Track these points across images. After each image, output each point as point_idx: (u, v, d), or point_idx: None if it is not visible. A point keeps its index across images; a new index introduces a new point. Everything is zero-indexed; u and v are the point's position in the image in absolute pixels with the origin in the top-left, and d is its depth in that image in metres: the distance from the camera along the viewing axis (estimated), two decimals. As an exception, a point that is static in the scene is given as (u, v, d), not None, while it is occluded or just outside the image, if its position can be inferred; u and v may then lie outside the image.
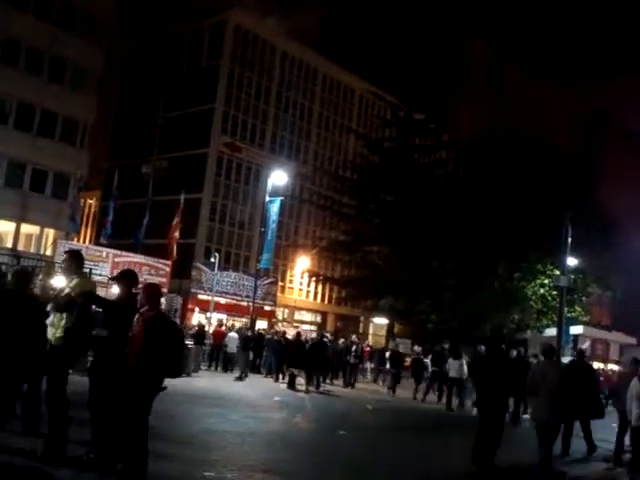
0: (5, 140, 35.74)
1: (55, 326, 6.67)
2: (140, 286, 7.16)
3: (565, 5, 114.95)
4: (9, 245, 36.10)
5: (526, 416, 15.32)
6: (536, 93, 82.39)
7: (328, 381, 23.57)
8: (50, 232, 38.51)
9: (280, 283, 56.85)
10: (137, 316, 6.37)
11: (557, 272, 32.71)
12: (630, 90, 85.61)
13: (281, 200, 34.05)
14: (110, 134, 62.35)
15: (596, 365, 31.70)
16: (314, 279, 47.66)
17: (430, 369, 23.28)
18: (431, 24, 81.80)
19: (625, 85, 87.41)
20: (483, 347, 16.36)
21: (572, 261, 29.34)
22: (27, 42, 37.44)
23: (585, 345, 42.14)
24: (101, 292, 7.56)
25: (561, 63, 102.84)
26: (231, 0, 58.35)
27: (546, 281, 38.51)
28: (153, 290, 6.73)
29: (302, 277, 58.96)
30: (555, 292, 35.89)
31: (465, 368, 19.56)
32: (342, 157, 62.57)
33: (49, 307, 6.89)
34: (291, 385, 19.72)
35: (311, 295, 63.07)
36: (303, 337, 24.65)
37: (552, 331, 35.64)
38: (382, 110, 54.32)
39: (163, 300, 35.10)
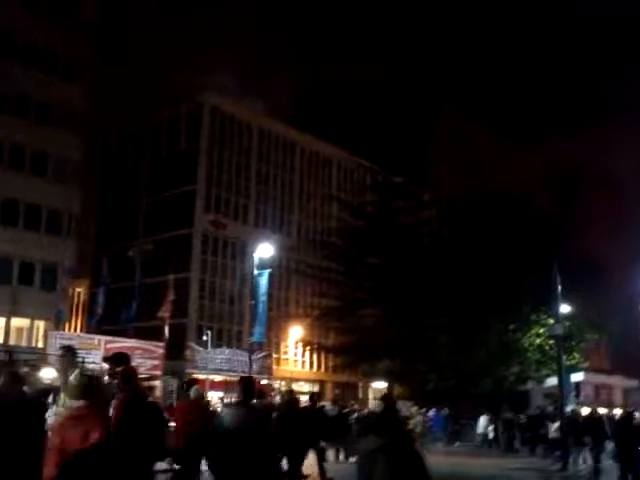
0: (-9, 236, 36.16)
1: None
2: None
3: (528, 67, 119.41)
4: (0, 340, 35.92)
5: None
6: (507, 153, 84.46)
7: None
8: (40, 324, 38.45)
9: (275, 355, 56.40)
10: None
11: (551, 321, 32.75)
12: (597, 140, 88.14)
13: (269, 272, 34.24)
14: (95, 221, 62.81)
15: (602, 410, 31.52)
16: (308, 348, 47.37)
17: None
18: (402, 91, 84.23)
19: (593, 136, 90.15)
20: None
21: (565, 308, 29.59)
22: (8, 140, 38.28)
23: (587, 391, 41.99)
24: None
25: (528, 123, 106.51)
26: (206, 83, 60.09)
27: (541, 330, 38.34)
28: (127, 372, 6.57)
29: (296, 347, 58.60)
30: (552, 341, 35.84)
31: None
32: (326, 225, 63.20)
33: (49, 399, 7.01)
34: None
35: (307, 365, 62.50)
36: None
37: (553, 380, 35.39)
38: (361, 176, 55.33)
39: (158, 383, 34.82)
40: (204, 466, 8.50)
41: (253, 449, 6.19)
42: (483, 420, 28.06)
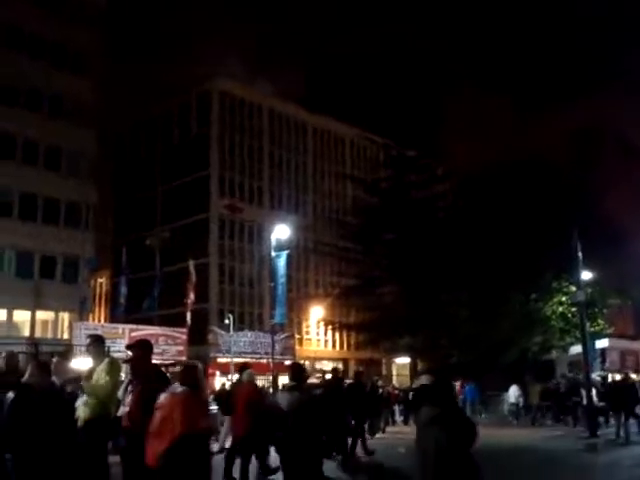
0: (11, 231, 36.52)
1: (97, 403, 6.93)
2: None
3: (547, 29, 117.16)
4: (26, 333, 36.50)
5: None
6: (524, 118, 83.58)
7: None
8: (65, 316, 38.94)
9: (297, 336, 56.75)
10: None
11: (573, 288, 32.46)
12: (617, 103, 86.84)
13: (287, 254, 34.30)
14: (112, 212, 63.25)
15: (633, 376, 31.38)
16: (330, 327, 47.57)
17: None
18: (415, 60, 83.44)
19: (616, 99, 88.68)
20: None
21: (587, 275, 29.23)
22: (21, 135, 38.56)
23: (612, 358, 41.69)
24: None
25: (546, 86, 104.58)
26: (215, 68, 60.02)
27: (563, 298, 38.10)
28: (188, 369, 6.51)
29: (318, 327, 58.89)
30: (574, 308, 35.64)
31: None
32: (341, 203, 63.19)
33: (79, 388, 7.17)
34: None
35: (330, 344, 62.84)
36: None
37: (577, 349, 35.09)
38: (374, 152, 55.04)
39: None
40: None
41: (307, 429, 6.67)
42: (513, 390, 28.10)
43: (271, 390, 25.14)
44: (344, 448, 11.92)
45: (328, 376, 15.65)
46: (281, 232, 34.06)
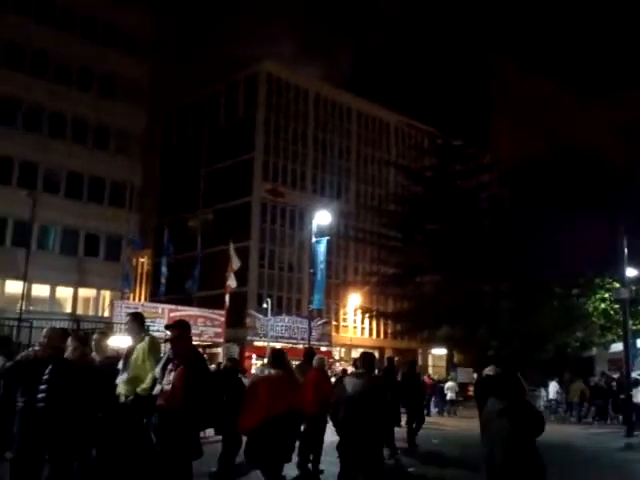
0: (58, 209, 37.16)
1: (137, 380, 6.97)
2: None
3: (600, 18, 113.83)
4: (68, 310, 37.22)
5: None
6: (577, 107, 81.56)
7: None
8: (106, 294, 39.58)
9: (334, 322, 56.81)
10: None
11: (617, 285, 31.85)
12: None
13: (327, 240, 34.20)
14: (157, 192, 64.02)
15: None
16: (367, 315, 47.46)
17: None
18: (462, 48, 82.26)
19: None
20: None
21: (632, 272, 28.62)
22: (71, 113, 39.16)
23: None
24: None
25: (601, 76, 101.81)
26: (262, 51, 60.04)
27: (606, 295, 37.42)
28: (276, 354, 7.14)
29: (355, 314, 58.79)
30: (617, 305, 34.98)
31: None
32: (384, 191, 62.78)
33: (120, 365, 7.20)
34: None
35: (366, 332, 62.72)
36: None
37: (618, 346, 34.48)
38: (419, 140, 54.49)
39: (220, 350, 35.56)
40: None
41: (372, 413, 7.05)
42: (553, 386, 27.74)
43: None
44: (391, 438, 11.95)
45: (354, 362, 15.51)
46: (322, 218, 33.86)
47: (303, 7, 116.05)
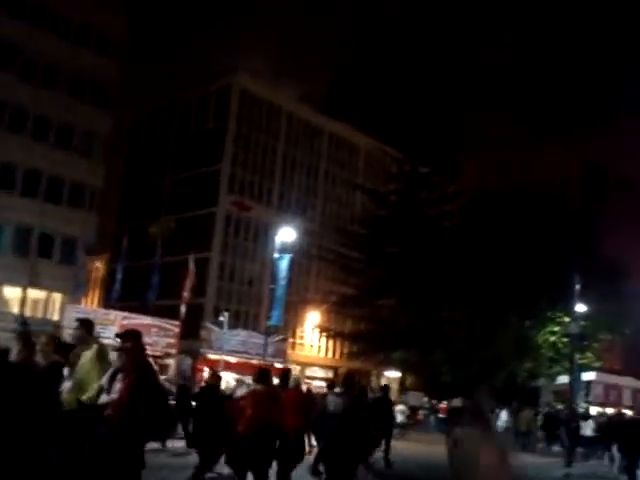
0: (11, 207, 36.25)
1: (82, 388, 6.75)
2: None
3: (560, 62, 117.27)
4: (16, 310, 36.21)
5: None
6: (537, 149, 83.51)
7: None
8: (57, 296, 38.59)
9: (291, 339, 56.42)
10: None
11: (567, 319, 32.54)
12: (625, 142, 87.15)
13: (290, 257, 34.07)
14: (118, 196, 63.12)
15: (609, 410, 31.38)
16: (325, 335, 47.37)
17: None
18: (436, 81, 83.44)
19: (621, 138, 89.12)
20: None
21: (581, 308, 29.26)
22: (34, 110, 38.40)
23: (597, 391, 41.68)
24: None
25: (560, 120, 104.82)
26: (237, 64, 59.94)
27: (556, 329, 38.37)
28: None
29: (312, 333, 58.54)
30: (566, 339, 35.77)
31: None
32: (349, 212, 62.90)
33: (65, 372, 6.98)
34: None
35: (322, 351, 62.46)
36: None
37: (564, 378, 35.20)
38: (387, 164, 54.81)
39: (172, 361, 34.96)
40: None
41: (352, 430, 7.59)
42: (504, 414, 27.91)
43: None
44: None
45: (318, 383, 15.68)
46: (287, 235, 33.85)
47: (283, 24, 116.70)
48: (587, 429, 22.08)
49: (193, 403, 12.84)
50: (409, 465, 16.33)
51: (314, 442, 10.21)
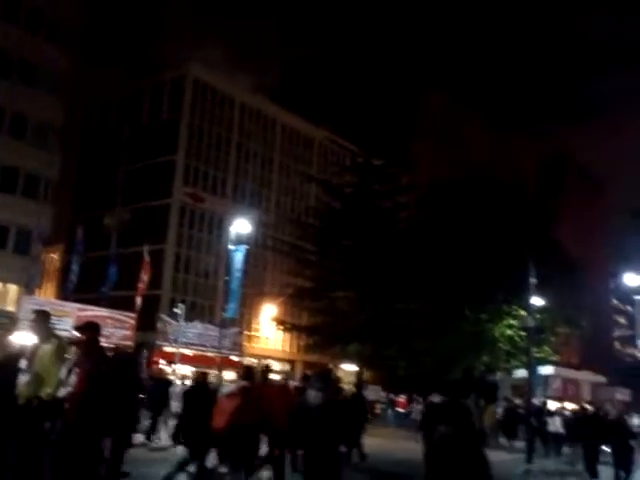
0: (-37, 196, 35.53)
1: (40, 382, 6.76)
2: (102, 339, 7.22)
3: (522, 53, 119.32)
4: (-30, 302, 35.57)
5: None
6: (495, 138, 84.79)
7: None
8: (12, 288, 37.97)
9: (247, 332, 56.53)
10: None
11: (523, 313, 32.55)
12: (586, 134, 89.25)
13: (245, 248, 34.14)
14: (72, 187, 62.13)
15: (569, 405, 31.75)
16: (281, 327, 47.56)
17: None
18: (389, 72, 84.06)
19: (581, 129, 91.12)
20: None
21: (538, 301, 29.39)
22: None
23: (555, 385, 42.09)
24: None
25: (519, 109, 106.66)
26: (190, 55, 59.53)
27: (513, 322, 38.32)
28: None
29: (269, 325, 58.73)
30: (523, 333, 35.89)
31: None
32: (304, 204, 63.22)
33: (22, 364, 6.98)
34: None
35: (279, 344, 62.75)
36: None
37: (522, 372, 35.25)
38: (341, 157, 55.27)
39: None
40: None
41: (328, 425, 7.68)
42: None
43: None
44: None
45: (275, 376, 15.75)
46: (241, 226, 33.86)
47: (236, 15, 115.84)
48: (554, 425, 21.98)
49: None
50: (380, 459, 16.53)
51: None
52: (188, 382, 23.58)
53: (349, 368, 49.65)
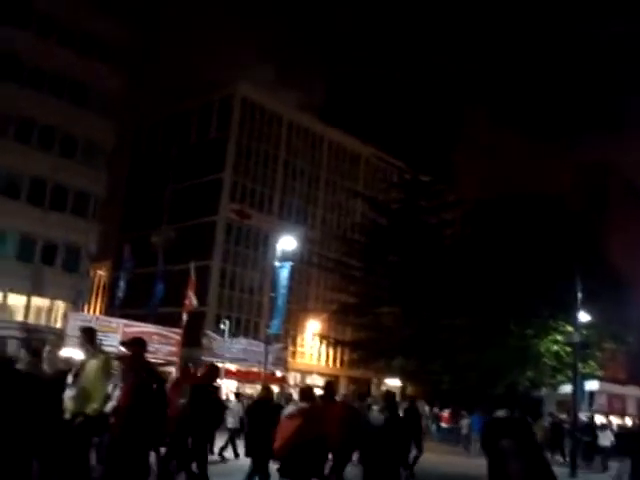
0: (17, 214, 36.46)
1: (86, 397, 6.81)
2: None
3: (560, 66, 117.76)
4: (20, 318, 36.35)
5: None
6: (537, 152, 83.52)
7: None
8: (60, 304, 38.75)
9: (291, 348, 56.52)
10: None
11: (570, 328, 32.31)
12: (628, 144, 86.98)
13: (291, 265, 34.16)
14: (121, 206, 63.38)
15: (614, 420, 31.13)
16: (325, 342, 47.49)
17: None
18: (434, 89, 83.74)
19: (623, 139, 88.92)
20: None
21: (584, 316, 29.04)
22: (41, 119, 38.66)
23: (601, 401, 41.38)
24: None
25: (560, 121, 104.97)
26: (238, 74, 60.38)
27: (558, 337, 38.05)
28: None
29: (312, 341, 58.65)
30: (568, 348, 35.49)
31: None
32: (350, 220, 63.13)
33: (69, 380, 7.06)
34: None
35: (322, 359, 62.55)
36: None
37: (567, 388, 34.96)
38: (388, 173, 55.08)
39: (173, 369, 34.99)
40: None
41: (391, 444, 8.10)
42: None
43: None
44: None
45: (318, 391, 15.55)
46: (287, 243, 33.89)
47: (282, 34, 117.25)
48: (605, 439, 22.07)
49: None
50: (427, 471, 15.94)
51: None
52: (232, 397, 23.65)
53: (393, 383, 49.26)
